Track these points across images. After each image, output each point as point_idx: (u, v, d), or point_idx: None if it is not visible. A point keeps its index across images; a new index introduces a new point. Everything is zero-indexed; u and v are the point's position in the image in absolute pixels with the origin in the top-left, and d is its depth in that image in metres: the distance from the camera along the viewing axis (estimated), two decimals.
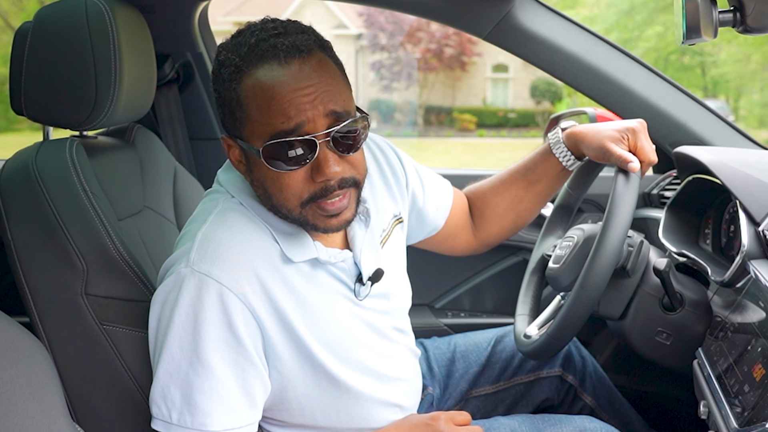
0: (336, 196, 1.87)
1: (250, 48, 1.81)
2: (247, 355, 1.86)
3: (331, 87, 1.83)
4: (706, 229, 2.61)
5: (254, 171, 1.91)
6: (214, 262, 1.83)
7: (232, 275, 1.83)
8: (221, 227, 1.92)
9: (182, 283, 1.83)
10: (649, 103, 3.00)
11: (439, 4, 2.97)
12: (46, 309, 2.05)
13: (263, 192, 1.91)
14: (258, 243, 1.92)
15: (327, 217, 1.89)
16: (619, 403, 2.73)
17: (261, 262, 1.89)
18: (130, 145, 2.51)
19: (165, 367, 1.84)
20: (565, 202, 2.65)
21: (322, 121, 1.79)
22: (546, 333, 2.30)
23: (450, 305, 3.44)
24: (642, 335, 2.32)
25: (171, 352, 1.82)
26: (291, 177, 1.83)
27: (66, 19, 2.17)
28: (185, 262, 1.85)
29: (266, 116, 1.79)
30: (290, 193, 1.85)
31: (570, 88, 3.06)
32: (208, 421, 1.82)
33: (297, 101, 1.77)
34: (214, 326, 1.81)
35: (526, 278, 2.70)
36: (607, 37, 3.06)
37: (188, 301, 1.82)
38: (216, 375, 1.83)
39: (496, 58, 31.60)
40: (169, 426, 1.84)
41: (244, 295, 1.84)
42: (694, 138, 2.99)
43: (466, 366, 2.69)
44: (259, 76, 1.79)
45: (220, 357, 1.83)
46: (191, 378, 1.82)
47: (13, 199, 2.08)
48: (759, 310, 1.89)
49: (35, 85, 2.19)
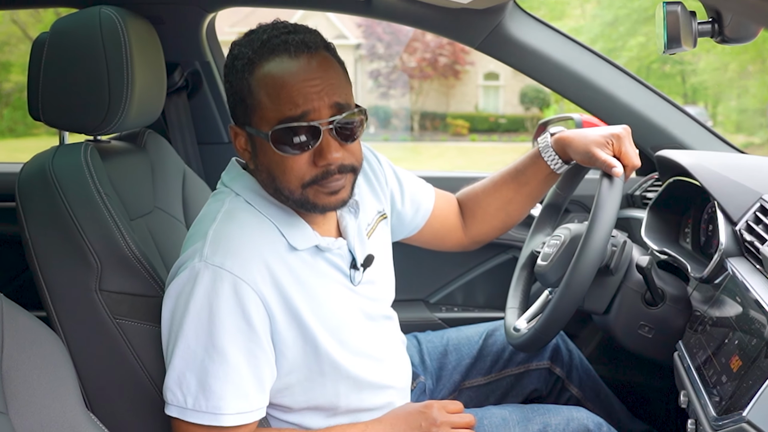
0: (335, 180, 1.93)
1: (262, 43, 1.89)
2: (258, 341, 1.90)
3: (335, 81, 1.92)
4: (686, 229, 2.62)
5: (259, 156, 1.97)
6: (227, 256, 1.88)
7: (243, 266, 1.87)
8: (230, 224, 1.96)
9: (197, 276, 1.87)
10: (632, 109, 3.02)
11: (433, 15, 2.98)
12: (62, 304, 2.06)
13: (267, 176, 1.98)
14: (264, 236, 1.97)
15: (327, 194, 1.94)
16: (604, 394, 2.73)
17: (269, 253, 1.94)
18: (142, 149, 2.52)
19: (181, 356, 1.87)
20: (553, 202, 2.66)
21: (327, 111, 1.87)
22: (534, 326, 2.31)
23: (444, 300, 3.44)
24: (625, 329, 2.33)
25: (187, 341, 1.86)
26: (295, 160, 1.90)
27: (81, 30, 2.18)
28: (199, 257, 1.89)
29: (276, 103, 1.87)
30: (293, 175, 1.91)
31: (557, 95, 3.07)
32: (222, 404, 1.85)
33: (305, 91, 1.85)
34: (229, 315, 1.85)
35: (516, 274, 2.71)
36: (592, 47, 3.07)
37: (203, 292, 1.85)
38: (230, 361, 1.86)
39: (488, 66, 31.58)
40: (184, 411, 1.87)
41: (255, 284, 1.88)
42: (674, 142, 3.00)
43: (458, 358, 2.70)
44: (271, 68, 1.87)
45: (234, 344, 1.86)
46: (207, 364, 1.85)
47: (31, 200, 2.09)
48: (736, 305, 1.90)
49: (52, 92, 2.19)
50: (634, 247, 2.39)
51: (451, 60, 31.56)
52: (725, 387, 1.72)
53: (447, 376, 2.68)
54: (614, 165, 2.20)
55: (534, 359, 2.69)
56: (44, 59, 2.19)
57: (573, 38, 3.08)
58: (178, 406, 1.88)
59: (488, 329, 2.77)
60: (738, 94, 25.08)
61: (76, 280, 2.05)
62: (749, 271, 1.96)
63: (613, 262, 2.30)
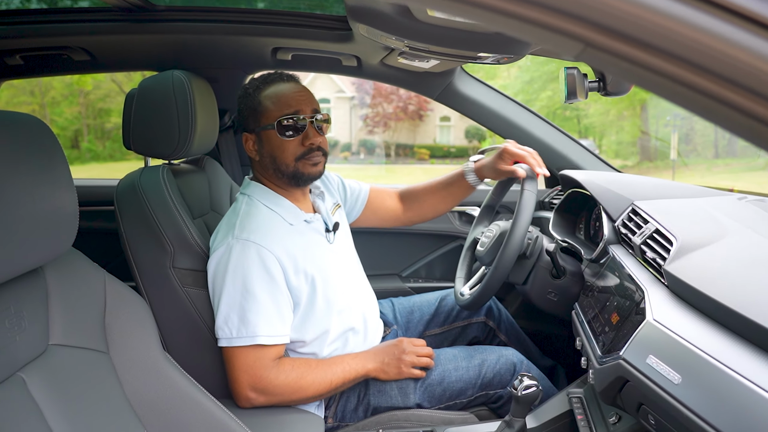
0: (315, 155, 2.14)
1: (265, 78, 2.19)
2: (278, 287, 2.03)
3: (312, 98, 2.19)
4: (581, 225, 2.62)
5: (265, 146, 2.15)
6: (251, 233, 2.03)
7: (263, 239, 2.02)
8: (250, 214, 2.11)
9: (231, 248, 2.01)
10: (543, 142, 3.02)
11: (405, 76, 2.97)
12: (146, 277, 2.08)
13: (270, 159, 2.16)
14: (272, 219, 2.13)
15: (311, 165, 2.15)
16: (522, 339, 2.73)
17: (277, 229, 2.10)
18: (202, 170, 2.51)
19: (225, 302, 1.98)
20: (489, 204, 2.67)
21: (309, 111, 2.13)
22: (474, 293, 2.32)
23: (412, 274, 3.43)
24: (538, 294, 2.33)
25: (228, 291, 1.98)
26: (290, 142, 2.11)
27: (159, 87, 2.17)
28: (231, 235, 2.03)
29: (277, 106, 2.11)
30: (289, 152, 2.12)
31: (491, 131, 3.07)
32: (257, 330, 1.97)
33: (295, 99, 2.12)
34: (256, 270, 1.99)
35: (462, 255, 2.71)
36: (515, 99, 3.07)
37: (237, 257, 1.99)
38: (260, 300, 1.98)
39: (443, 112, 31.49)
40: (231, 340, 1.98)
41: (272, 249, 2.02)
42: (572, 164, 3.00)
43: (421, 315, 2.70)
44: (272, 87, 2.15)
45: (262, 289, 1.99)
46: (243, 305, 1.97)
47: (125, 204, 2.10)
48: (615, 278, 1.90)
49: (139, 130, 2.19)
50: (544, 237, 2.39)
51: (417, 107, 31.50)
52: (607, 335, 1.72)
53: (413, 327, 2.68)
54: (515, 169, 2.30)
55: (474, 315, 2.69)
56: (134, 107, 2.20)
57: (501, 92, 3.08)
58: (226, 338, 1.99)
59: (442, 294, 2.77)
60: (616, 131, 25.16)
61: (156, 260, 2.06)
62: (624, 254, 1.97)
63: (529, 249, 2.30)
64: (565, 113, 24.62)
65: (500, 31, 0.68)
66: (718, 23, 0.62)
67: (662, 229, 1.79)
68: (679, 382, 1.26)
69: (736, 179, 17.51)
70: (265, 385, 1.99)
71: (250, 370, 1.98)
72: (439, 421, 2.24)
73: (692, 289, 1.43)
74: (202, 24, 2.65)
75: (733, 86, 0.63)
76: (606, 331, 1.75)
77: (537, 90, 24.63)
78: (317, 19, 2.67)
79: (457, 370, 2.29)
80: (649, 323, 1.47)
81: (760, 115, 0.63)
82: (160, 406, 1.50)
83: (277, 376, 2.00)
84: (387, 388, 2.24)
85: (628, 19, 0.63)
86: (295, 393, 2.03)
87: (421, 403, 2.25)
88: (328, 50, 2.80)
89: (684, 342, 1.30)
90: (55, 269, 1.37)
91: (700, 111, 0.67)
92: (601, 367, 1.64)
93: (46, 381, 1.22)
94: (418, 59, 2.54)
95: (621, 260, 1.92)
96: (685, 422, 1.21)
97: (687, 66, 0.64)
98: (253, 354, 1.98)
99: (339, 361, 2.15)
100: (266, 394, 2.01)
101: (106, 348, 1.44)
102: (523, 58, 2.24)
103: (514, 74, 26.40)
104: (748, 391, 1.09)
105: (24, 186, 1.13)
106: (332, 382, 2.09)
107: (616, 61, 0.67)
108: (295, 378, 2.03)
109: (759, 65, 0.61)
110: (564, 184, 2.74)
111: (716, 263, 1.49)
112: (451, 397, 2.28)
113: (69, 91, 25.80)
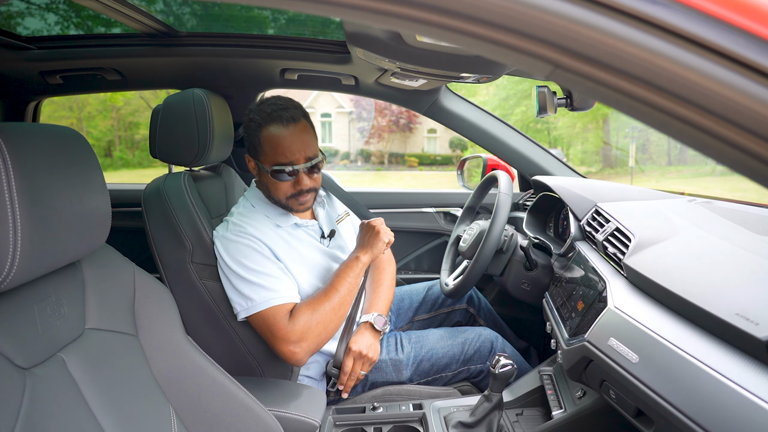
0: (304, 196, 2.15)
1: (267, 114, 2.07)
2: (269, 259, 2.07)
3: (308, 141, 2.08)
4: (550, 223, 2.62)
5: (262, 177, 2.16)
6: (243, 226, 2.10)
7: (250, 230, 2.09)
8: (244, 214, 2.16)
9: (225, 238, 2.07)
10: (517, 151, 3.02)
11: (397, 93, 2.97)
12: (169, 270, 2.06)
13: (265, 189, 2.18)
14: (261, 220, 2.16)
15: (299, 204, 2.16)
16: (499, 324, 2.74)
17: (264, 227, 2.14)
18: (219, 176, 2.50)
19: (234, 281, 2.01)
20: (470, 205, 2.70)
21: (302, 160, 2.07)
22: (457, 283, 2.32)
23: (403, 266, 3.43)
24: (513, 284, 2.33)
25: (234, 271, 2.02)
26: (282, 184, 2.12)
27: (182, 103, 2.17)
28: (225, 229, 2.11)
29: (273, 153, 2.07)
30: (281, 192, 2.13)
31: (472, 142, 3.06)
32: (269, 294, 2.00)
33: (291, 149, 2.05)
34: (252, 250, 2.05)
35: (447, 250, 2.73)
36: (493, 113, 3.07)
37: (230, 244, 2.05)
38: (261, 271, 2.03)
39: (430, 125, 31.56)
40: (248, 310, 2.01)
41: (259, 237, 2.09)
42: (543, 170, 3.00)
43: (410, 302, 2.70)
44: (271, 131, 2.06)
45: (260, 263, 2.04)
46: (250, 278, 2.01)
47: (151, 206, 2.08)
48: (580, 270, 1.91)
49: (164, 141, 2.18)
50: (518, 235, 2.40)
51: (407, 121, 31.52)
52: (574, 320, 1.73)
53: (404, 313, 2.68)
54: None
55: (457, 303, 2.70)
56: (159, 120, 2.19)
57: (481, 108, 3.07)
58: (244, 310, 2.01)
59: (430, 284, 2.77)
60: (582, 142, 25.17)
61: (177, 256, 2.05)
62: (588, 249, 1.97)
63: (505, 245, 2.31)
64: (537, 126, 24.64)
65: (480, 54, 0.68)
66: (671, 47, 0.62)
67: (622, 227, 1.79)
68: (637, 361, 1.26)
69: (687, 184, 17.58)
70: (295, 335, 2.00)
71: (275, 330, 1.99)
72: (427, 395, 2.25)
73: (648, 280, 1.44)
74: (219, 48, 2.64)
75: (684, 102, 0.64)
76: (573, 316, 1.76)
77: (512, 106, 24.66)
78: (320, 44, 2.67)
79: (443, 347, 2.31)
80: (610, 310, 1.47)
81: (707, 127, 0.64)
82: (182, 383, 1.50)
83: (298, 322, 2.00)
84: (383, 366, 2.26)
85: (592, 44, 0.63)
86: (321, 324, 2.05)
87: (412, 377, 2.27)
88: (330, 71, 2.80)
89: (641, 326, 1.31)
90: (90, 262, 1.37)
91: (654, 124, 0.68)
92: (569, 348, 1.64)
93: (83, 360, 1.22)
94: (408, 79, 2.54)
95: (585, 255, 1.93)
96: (642, 396, 1.22)
97: (643, 85, 0.64)
98: (271, 316, 1.99)
99: (335, 275, 2.17)
100: (302, 341, 2.01)
101: (135, 332, 1.44)
102: (500, 78, 2.24)
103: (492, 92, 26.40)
104: (696, 369, 1.09)
105: (64, 190, 1.13)
106: (339, 291, 2.11)
107: (581, 80, 0.67)
108: (311, 313, 2.03)
109: (706, 84, 0.62)
110: (536, 188, 2.74)
111: (669, 257, 1.49)
112: (438, 370, 2.30)
113: (103, 107, 25.68)
